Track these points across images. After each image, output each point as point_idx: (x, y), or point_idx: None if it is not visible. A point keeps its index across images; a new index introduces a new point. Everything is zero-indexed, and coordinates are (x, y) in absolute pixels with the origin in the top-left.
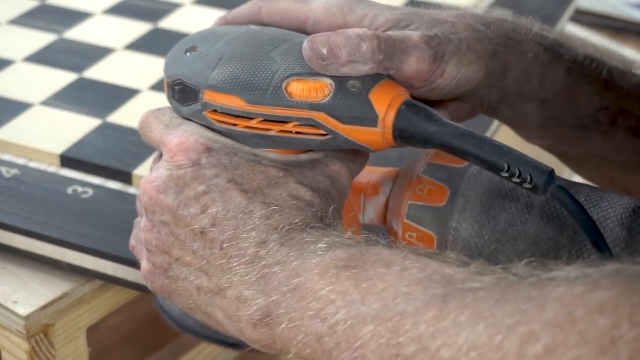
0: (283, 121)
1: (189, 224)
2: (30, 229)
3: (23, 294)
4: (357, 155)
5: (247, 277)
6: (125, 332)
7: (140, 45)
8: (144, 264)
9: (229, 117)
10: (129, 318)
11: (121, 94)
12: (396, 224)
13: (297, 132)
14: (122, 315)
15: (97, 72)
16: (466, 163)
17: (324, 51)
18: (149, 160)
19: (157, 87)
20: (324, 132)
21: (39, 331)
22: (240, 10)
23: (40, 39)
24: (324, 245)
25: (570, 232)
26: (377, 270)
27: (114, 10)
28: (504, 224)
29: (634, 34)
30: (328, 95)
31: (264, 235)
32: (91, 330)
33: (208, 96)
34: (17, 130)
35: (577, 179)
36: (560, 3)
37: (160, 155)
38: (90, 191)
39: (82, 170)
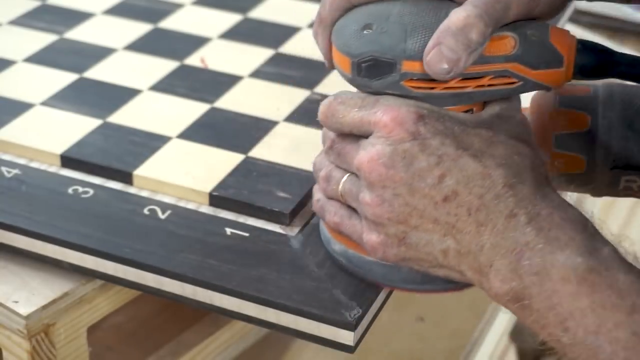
0: (479, 77)
1: (427, 195)
2: (31, 229)
3: (24, 293)
4: (516, 99)
5: (497, 248)
6: (126, 332)
7: (141, 45)
8: (374, 236)
9: (426, 82)
10: (129, 318)
11: (121, 94)
12: (543, 155)
13: (489, 85)
14: (122, 315)
15: (98, 72)
16: (592, 91)
17: (446, 66)
18: (150, 160)
19: (158, 87)
20: (515, 80)
21: (40, 331)
22: None
23: (41, 39)
24: (568, 250)
25: None
26: (611, 300)
27: (114, 11)
28: None
29: (633, 34)
30: (515, 47)
31: (511, 207)
32: (92, 330)
33: (407, 66)
34: (18, 130)
35: None
36: None
37: (357, 136)
38: (91, 191)
39: (83, 171)
